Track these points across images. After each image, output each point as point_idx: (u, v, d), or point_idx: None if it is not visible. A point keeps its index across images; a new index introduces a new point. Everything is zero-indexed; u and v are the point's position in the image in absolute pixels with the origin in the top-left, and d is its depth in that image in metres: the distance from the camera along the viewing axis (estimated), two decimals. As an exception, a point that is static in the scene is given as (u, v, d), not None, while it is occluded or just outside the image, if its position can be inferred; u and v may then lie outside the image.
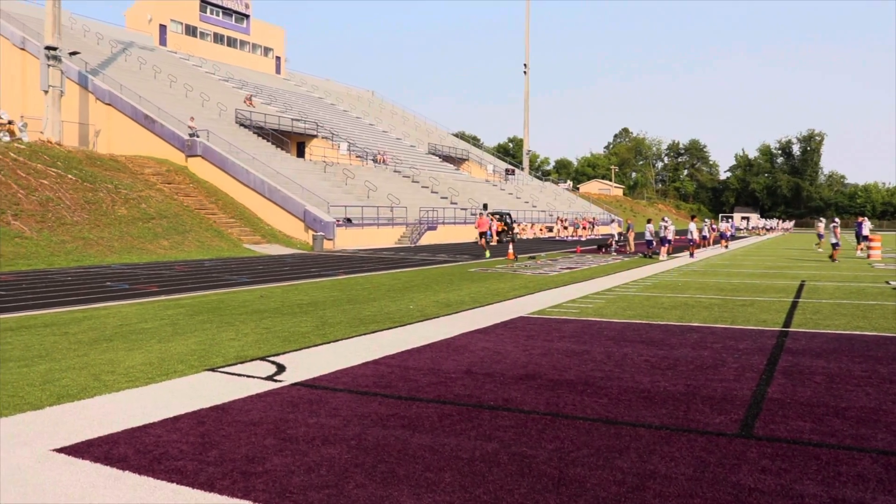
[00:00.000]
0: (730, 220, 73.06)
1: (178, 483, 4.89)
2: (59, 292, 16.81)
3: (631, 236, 37.41)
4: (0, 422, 6.30)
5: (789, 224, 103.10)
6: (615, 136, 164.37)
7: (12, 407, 6.80)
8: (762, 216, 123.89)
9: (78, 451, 5.56)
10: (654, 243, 32.84)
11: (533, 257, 31.46)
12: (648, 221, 33.98)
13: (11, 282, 19.09)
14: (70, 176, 32.56)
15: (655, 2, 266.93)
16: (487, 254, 31.81)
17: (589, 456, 5.47)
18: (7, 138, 34.52)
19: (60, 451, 5.56)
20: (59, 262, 25.13)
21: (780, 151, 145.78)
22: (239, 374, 8.19)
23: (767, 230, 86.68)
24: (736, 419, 6.45)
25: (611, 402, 7.03)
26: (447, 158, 75.40)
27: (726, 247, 42.61)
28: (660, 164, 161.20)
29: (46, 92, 40.08)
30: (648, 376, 8.18)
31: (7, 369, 8.43)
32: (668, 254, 31.76)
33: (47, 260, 25.06)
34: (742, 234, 76.14)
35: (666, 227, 32.40)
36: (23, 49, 47.77)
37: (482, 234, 33.09)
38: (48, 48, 39.89)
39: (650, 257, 31.41)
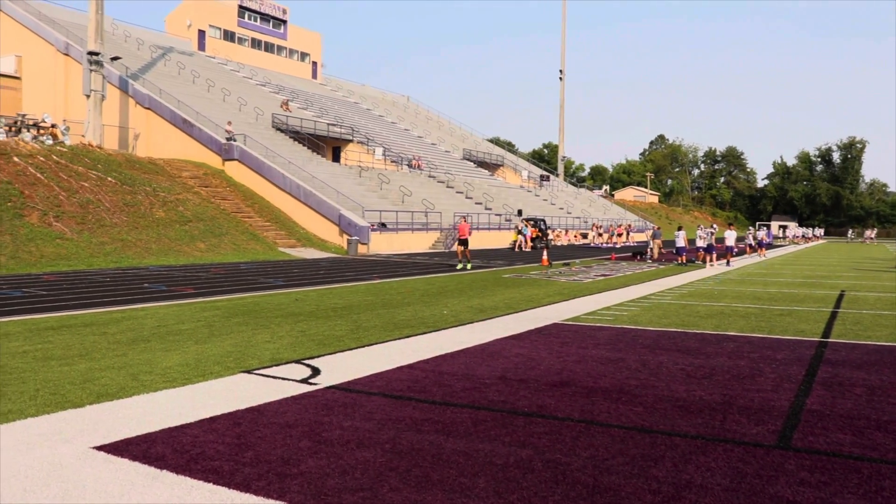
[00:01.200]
0: (766, 228, 72.15)
1: (214, 483, 4.94)
2: (99, 293, 17.07)
3: (657, 243, 37.02)
4: (43, 419, 6.41)
5: (819, 232, 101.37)
6: (651, 142, 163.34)
7: (54, 404, 6.92)
8: (801, 225, 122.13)
9: (117, 449, 5.64)
10: (688, 251, 32.52)
11: (567, 264, 31.33)
12: (679, 229, 33.65)
13: (53, 282, 19.42)
14: (110, 178, 33.06)
15: (693, 8, 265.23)
16: (460, 266, 27.28)
17: (624, 464, 5.43)
18: (50, 141, 35.15)
19: (100, 448, 5.64)
20: (98, 263, 25.52)
21: (819, 159, 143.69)
22: (274, 377, 8.25)
23: (807, 239, 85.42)
24: (774, 430, 6.37)
25: (646, 411, 6.98)
26: (482, 164, 75.37)
27: (763, 255, 42.08)
28: (696, 172, 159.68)
29: (88, 96, 40.76)
30: (684, 385, 8.11)
31: (49, 367, 8.58)
32: (711, 262, 31.37)
33: (87, 261, 25.46)
34: (781, 243, 75.13)
35: (711, 235, 31.81)
36: (66, 54, 48.65)
37: (462, 242, 27.74)
38: (90, 53, 40.57)
39: (685, 265, 31.13)
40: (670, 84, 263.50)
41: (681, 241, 32.47)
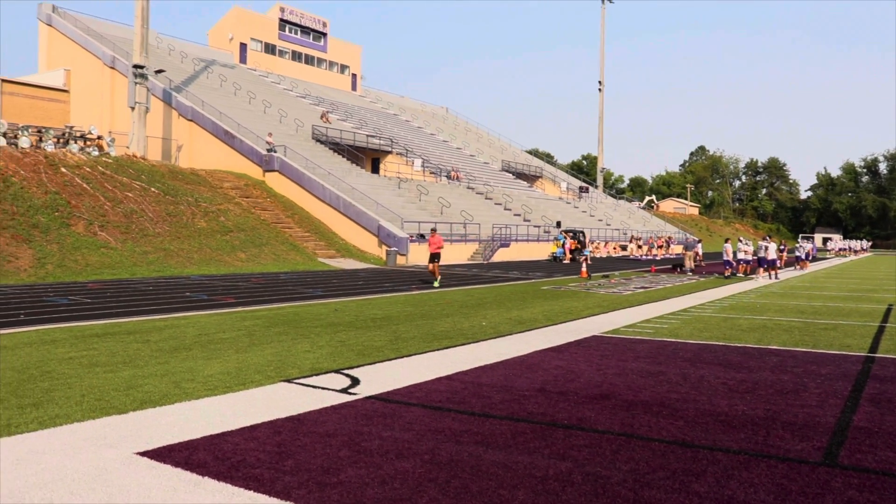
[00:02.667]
0: (810, 240, 70.96)
1: (255, 490, 4.99)
2: (142, 301, 17.33)
3: (689, 255, 36.55)
4: (88, 424, 6.53)
5: (866, 244, 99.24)
6: (691, 154, 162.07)
7: (99, 410, 7.04)
8: (846, 237, 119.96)
9: (160, 455, 5.71)
10: (733, 263, 32.13)
11: (607, 276, 31.13)
12: (726, 241, 33.26)
13: (97, 290, 19.76)
14: (153, 189, 33.59)
15: (733, 18, 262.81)
16: (436, 283, 24.40)
17: (665, 479, 5.37)
18: (96, 153, 35.83)
19: (143, 454, 5.73)
20: (141, 272, 25.92)
21: (865, 170, 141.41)
22: (314, 386, 8.30)
23: (853, 252, 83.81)
24: (819, 447, 6.26)
25: (687, 425, 6.90)
26: (520, 175, 75.28)
27: (805, 269, 41.40)
28: (737, 183, 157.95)
29: (133, 108, 41.50)
30: (726, 399, 8.00)
31: (94, 374, 8.72)
32: (760, 275, 30.93)
33: (130, 270, 25.87)
34: (827, 255, 73.90)
35: (766, 248, 31.12)
36: (112, 68, 49.65)
37: (434, 257, 24.74)
38: (136, 66, 41.33)
39: (727, 277, 30.76)
40: (711, 95, 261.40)
41: (727, 255, 32.08)
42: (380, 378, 8.83)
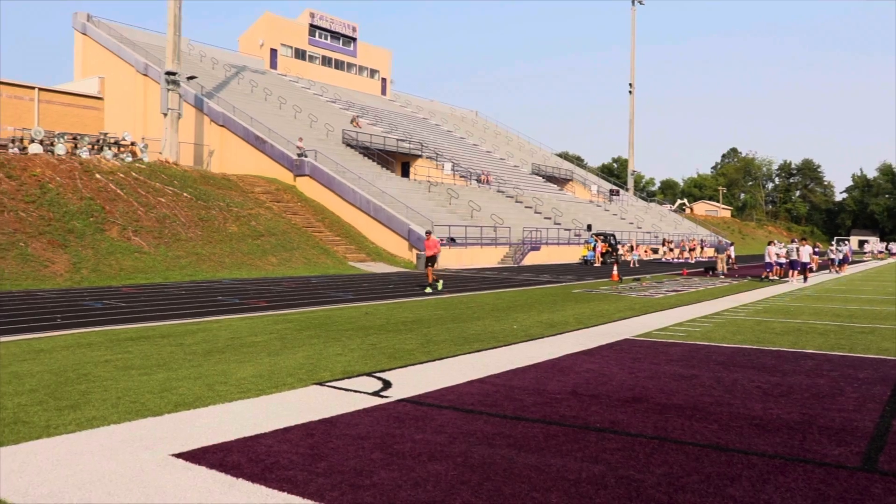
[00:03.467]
0: (845, 243, 69.82)
1: (288, 492, 5.02)
2: (175, 305, 17.51)
3: (721, 258, 36.18)
4: (124, 426, 6.61)
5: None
6: (723, 156, 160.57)
7: (134, 412, 7.13)
8: (882, 239, 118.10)
9: (195, 457, 5.77)
10: (774, 266, 31.81)
11: (638, 279, 30.95)
12: (770, 243, 32.94)
13: (131, 294, 20.00)
14: (185, 194, 33.96)
15: (763, 20, 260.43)
16: (428, 289, 23.06)
17: (699, 482, 5.33)
18: (130, 158, 36.31)
19: (178, 456, 5.79)
20: (173, 276, 26.20)
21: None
22: (346, 389, 8.34)
23: (892, 254, 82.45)
24: (857, 451, 6.17)
25: (721, 429, 6.84)
26: (550, 178, 75.08)
27: (841, 272, 40.83)
28: (770, 185, 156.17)
29: (165, 114, 42.01)
30: (761, 403, 7.92)
31: (129, 377, 8.84)
32: (792, 277, 30.60)
33: (163, 274, 26.16)
34: (864, 258, 72.86)
35: (798, 250, 30.80)
36: (145, 75, 50.29)
37: (429, 260, 23.87)
38: (168, 73, 41.84)
39: (761, 280, 30.44)
40: (743, 96, 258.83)
41: (769, 257, 31.78)
42: (411, 381, 8.85)
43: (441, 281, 24.29)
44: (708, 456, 5.98)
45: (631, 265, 44.73)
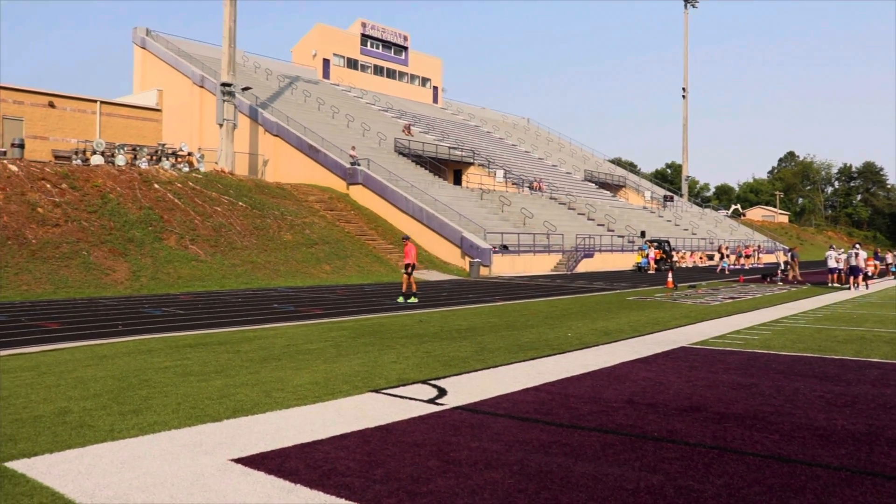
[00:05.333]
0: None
1: (346, 499, 5.06)
2: (231, 313, 17.78)
3: (795, 264, 35.50)
4: (184, 431, 6.73)
5: None
6: (780, 160, 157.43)
7: (194, 418, 7.26)
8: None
9: (253, 462, 5.85)
10: (842, 272, 31.12)
11: (693, 286, 30.51)
12: (830, 248, 32.23)
13: (189, 301, 20.37)
14: (241, 203, 34.49)
15: (820, 18, 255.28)
16: (412, 299, 21.44)
17: (761, 494, 5.23)
18: (187, 169, 37.03)
19: (238, 461, 5.87)
20: (229, 284, 26.60)
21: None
22: (401, 396, 8.37)
23: None
24: (925, 463, 5.99)
25: (783, 439, 6.70)
26: (603, 185, 74.52)
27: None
28: (829, 189, 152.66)
29: (221, 125, 42.75)
30: (824, 413, 7.74)
31: (188, 382, 9.00)
32: (856, 284, 29.90)
33: (219, 282, 26.58)
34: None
35: (857, 256, 30.04)
36: (201, 87, 51.27)
37: (409, 267, 22.15)
38: (223, 85, 42.60)
39: (829, 286, 29.79)
40: (800, 99, 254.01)
41: (833, 262, 31.15)
42: (466, 389, 8.85)
43: (409, 295, 21.65)
44: (770, 467, 5.86)
45: (720, 271, 44.29)
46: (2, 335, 13.39)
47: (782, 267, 38.17)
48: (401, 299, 21.73)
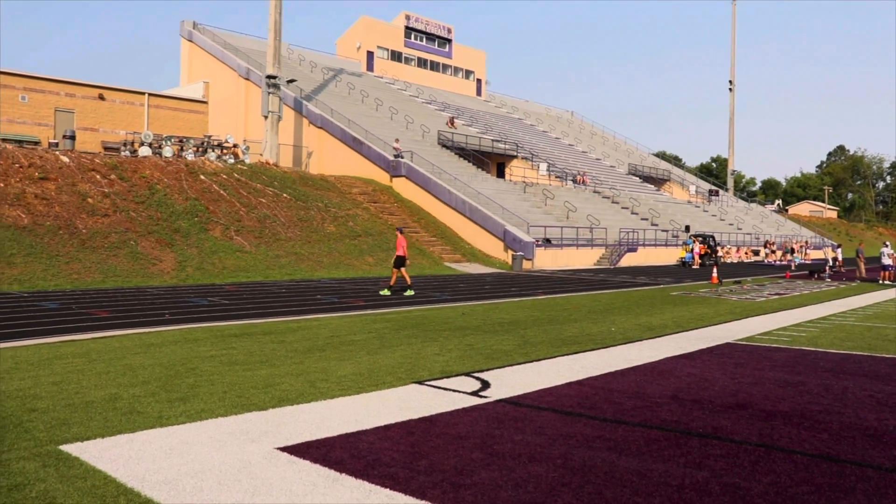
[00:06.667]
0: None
1: (391, 489, 5.10)
2: (276, 303, 17.97)
3: (861, 260, 34.82)
4: (231, 419, 6.84)
5: None
6: (829, 154, 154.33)
7: (240, 406, 7.36)
8: None
9: (299, 451, 5.92)
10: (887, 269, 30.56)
11: (738, 282, 30.12)
12: (884, 245, 31.63)
13: (234, 292, 20.62)
14: (285, 195, 34.80)
15: (866, 12, 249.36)
16: (386, 291, 21.34)
17: (809, 493, 5.16)
18: (232, 160, 37.47)
19: (283, 450, 5.95)
20: (273, 275, 26.87)
21: None
22: (445, 388, 8.40)
23: None
24: (980, 465, 5.86)
25: (831, 438, 6.60)
26: (647, 179, 73.79)
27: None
28: (881, 184, 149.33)
29: (266, 117, 43.13)
30: (874, 413, 7.61)
31: (234, 372, 9.12)
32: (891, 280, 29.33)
33: (264, 273, 26.86)
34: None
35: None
36: (247, 79, 51.79)
37: (399, 260, 21.37)
38: (269, 77, 42.95)
39: (881, 283, 29.23)
40: (851, 91, 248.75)
41: (887, 258, 30.57)
42: (510, 382, 8.85)
43: (395, 288, 21.67)
44: (818, 466, 5.78)
45: (791, 266, 44.14)
46: (54, 322, 13.70)
47: (830, 263, 37.54)
48: (384, 292, 21.17)
